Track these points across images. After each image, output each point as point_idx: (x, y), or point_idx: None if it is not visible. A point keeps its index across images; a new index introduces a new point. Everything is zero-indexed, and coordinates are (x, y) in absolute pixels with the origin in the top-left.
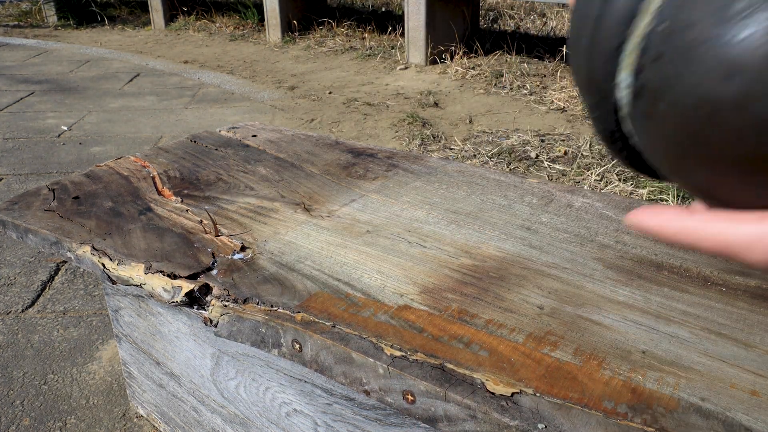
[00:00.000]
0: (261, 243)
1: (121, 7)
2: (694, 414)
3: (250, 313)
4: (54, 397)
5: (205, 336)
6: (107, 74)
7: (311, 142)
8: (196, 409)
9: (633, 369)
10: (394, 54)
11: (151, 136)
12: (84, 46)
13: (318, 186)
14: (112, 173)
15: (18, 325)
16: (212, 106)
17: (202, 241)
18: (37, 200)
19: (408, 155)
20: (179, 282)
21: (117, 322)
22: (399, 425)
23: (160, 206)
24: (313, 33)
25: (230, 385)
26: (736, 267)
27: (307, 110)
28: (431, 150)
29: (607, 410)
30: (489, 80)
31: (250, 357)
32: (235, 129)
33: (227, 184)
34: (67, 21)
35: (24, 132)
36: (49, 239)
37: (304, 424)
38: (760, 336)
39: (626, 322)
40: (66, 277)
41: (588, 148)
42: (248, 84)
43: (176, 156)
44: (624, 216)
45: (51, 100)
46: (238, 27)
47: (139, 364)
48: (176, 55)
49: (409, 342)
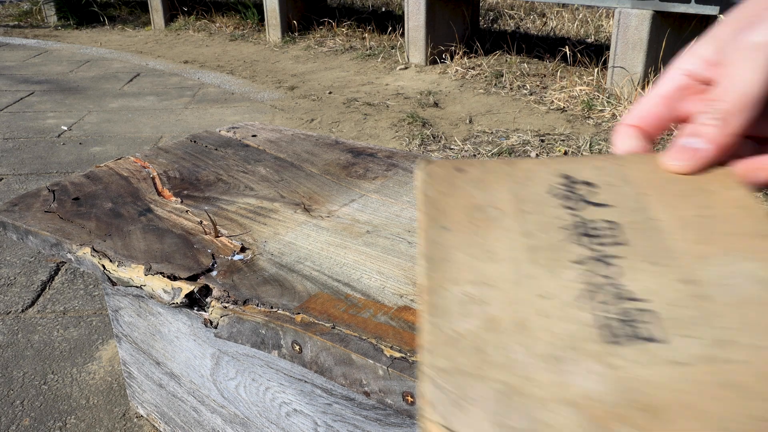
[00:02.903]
0: (261, 244)
1: (121, 7)
2: None
3: (250, 315)
4: (54, 397)
5: (205, 336)
6: (107, 74)
7: (311, 142)
8: (196, 409)
9: None
10: (394, 54)
11: (151, 136)
12: (84, 46)
13: (318, 186)
14: (112, 174)
15: (18, 325)
16: (212, 106)
17: (202, 242)
18: (37, 201)
19: (408, 155)
20: (179, 283)
21: (117, 322)
22: (399, 425)
23: (159, 207)
24: (313, 33)
25: (230, 385)
26: None
27: (307, 110)
28: (431, 150)
29: None
30: (489, 80)
31: (250, 357)
32: (235, 129)
33: (227, 184)
34: (67, 21)
35: (24, 132)
36: (49, 241)
37: (304, 424)
38: None
39: None
40: (66, 277)
41: (588, 148)
42: (248, 84)
43: (176, 156)
44: None
45: (51, 100)
46: (238, 27)
47: (139, 364)
48: (176, 55)
49: (409, 343)
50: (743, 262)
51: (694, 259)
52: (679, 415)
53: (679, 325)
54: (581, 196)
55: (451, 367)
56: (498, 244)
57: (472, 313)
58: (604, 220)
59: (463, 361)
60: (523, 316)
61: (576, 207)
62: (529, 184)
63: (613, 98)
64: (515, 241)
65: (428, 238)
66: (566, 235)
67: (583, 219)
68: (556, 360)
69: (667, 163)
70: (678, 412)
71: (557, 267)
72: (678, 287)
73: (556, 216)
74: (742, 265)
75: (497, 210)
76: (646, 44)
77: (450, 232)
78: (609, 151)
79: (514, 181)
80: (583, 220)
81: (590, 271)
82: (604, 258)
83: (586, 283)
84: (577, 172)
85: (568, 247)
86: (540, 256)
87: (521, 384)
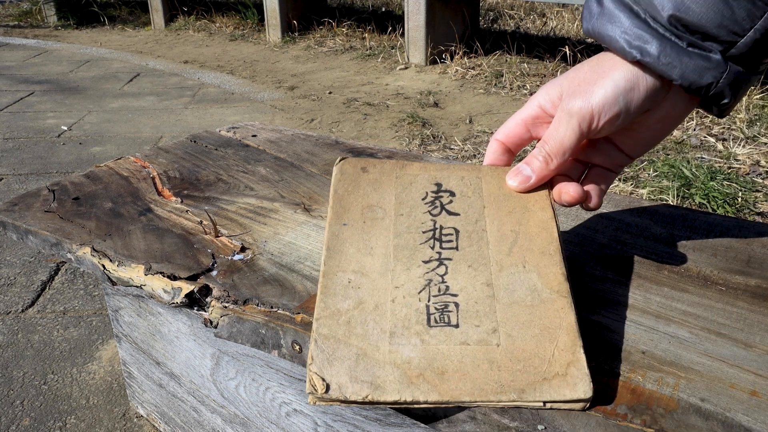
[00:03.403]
0: (261, 244)
1: (121, 7)
2: (694, 415)
3: (250, 315)
4: (54, 397)
5: (205, 336)
6: (107, 74)
7: (311, 142)
8: (196, 409)
9: (632, 369)
10: (394, 54)
11: (151, 136)
12: (84, 46)
13: (318, 186)
14: (112, 174)
15: (18, 325)
16: (212, 106)
17: (202, 241)
18: (37, 201)
19: (408, 155)
20: (179, 283)
21: (117, 322)
22: (399, 425)
23: (160, 207)
24: (313, 33)
25: (230, 385)
26: (736, 267)
27: (307, 110)
28: (431, 150)
29: (607, 411)
30: (489, 80)
31: (250, 357)
32: (235, 129)
33: (227, 184)
34: (67, 21)
35: (24, 132)
36: (49, 240)
37: (304, 424)
38: (760, 336)
39: (626, 322)
40: (66, 277)
41: None
42: (248, 84)
43: (176, 156)
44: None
45: (51, 100)
46: (238, 27)
47: (139, 364)
48: (176, 55)
49: None
50: (527, 273)
51: (498, 267)
52: (455, 378)
53: (472, 316)
54: (443, 203)
55: (329, 334)
56: (377, 241)
57: (349, 295)
58: (452, 227)
59: (337, 331)
60: (381, 301)
61: (436, 213)
62: (411, 189)
63: None
64: (389, 240)
65: (331, 232)
66: (425, 239)
67: (439, 225)
68: (394, 335)
69: (508, 181)
70: (455, 375)
71: (412, 265)
72: (481, 288)
73: (422, 222)
74: (525, 275)
75: (382, 210)
76: None
77: (347, 227)
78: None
79: (401, 185)
80: (438, 227)
81: (432, 270)
82: (443, 260)
83: (428, 280)
84: (447, 181)
85: (423, 249)
86: (402, 255)
87: (370, 350)
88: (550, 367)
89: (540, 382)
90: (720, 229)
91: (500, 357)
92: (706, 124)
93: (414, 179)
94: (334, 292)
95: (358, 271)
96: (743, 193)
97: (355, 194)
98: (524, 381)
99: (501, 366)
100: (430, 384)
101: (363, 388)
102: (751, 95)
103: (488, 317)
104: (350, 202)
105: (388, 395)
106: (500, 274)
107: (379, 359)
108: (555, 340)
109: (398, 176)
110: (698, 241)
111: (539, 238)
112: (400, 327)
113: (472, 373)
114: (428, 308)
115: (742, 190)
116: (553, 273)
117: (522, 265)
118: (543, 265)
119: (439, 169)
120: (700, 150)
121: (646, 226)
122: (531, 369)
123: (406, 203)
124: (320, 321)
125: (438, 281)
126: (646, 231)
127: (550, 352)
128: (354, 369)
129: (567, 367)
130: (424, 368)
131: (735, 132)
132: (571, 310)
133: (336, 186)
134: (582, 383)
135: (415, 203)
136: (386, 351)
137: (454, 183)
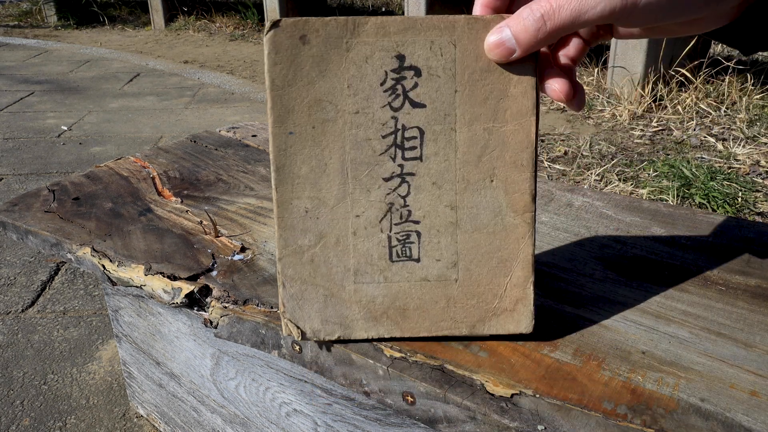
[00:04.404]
0: (261, 244)
1: (121, 7)
2: (694, 415)
3: (250, 315)
4: (54, 397)
5: (205, 336)
6: (107, 74)
7: None
8: (196, 409)
9: (632, 369)
10: None
11: (151, 136)
12: (84, 46)
13: None
14: (112, 174)
15: (18, 325)
16: (212, 106)
17: (202, 242)
18: (37, 201)
19: None
20: (179, 283)
21: (117, 322)
22: (399, 425)
23: (160, 207)
24: None
25: (230, 385)
26: (736, 267)
27: None
28: None
29: (607, 411)
30: None
31: (250, 357)
32: (235, 129)
33: (227, 184)
34: (67, 21)
35: (24, 132)
36: (49, 241)
37: (304, 424)
38: (760, 336)
39: (626, 322)
40: (66, 277)
41: (588, 148)
42: (248, 84)
43: (176, 156)
44: None
45: (51, 100)
46: (238, 27)
47: (139, 364)
48: (176, 55)
49: (408, 343)
50: (493, 191)
51: (464, 182)
52: (415, 315)
53: (434, 248)
54: (405, 90)
55: (295, 276)
56: (330, 154)
57: (309, 228)
58: (416, 127)
59: (302, 271)
60: (342, 233)
61: (398, 107)
62: (366, 68)
63: (613, 98)
64: (344, 152)
65: (276, 145)
66: (385, 147)
67: (401, 125)
68: (358, 273)
69: (486, 50)
70: (415, 313)
71: (372, 186)
72: (445, 212)
73: (382, 121)
74: (492, 192)
75: (333, 107)
76: (645, 44)
77: (294, 136)
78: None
79: (354, 63)
80: (400, 126)
81: (393, 190)
82: (405, 176)
83: (389, 203)
84: (412, 50)
85: (383, 161)
86: (360, 172)
87: (337, 290)
88: (500, 302)
89: (489, 317)
90: (720, 229)
91: (457, 293)
92: (706, 124)
93: (370, 53)
94: (292, 225)
95: (314, 197)
96: (743, 193)
97: (298, 84)
98: (476, 317)
99: (457, 302)
100: (393, 322)
101: (335, 330)
102: (751, 95)
103: (449, 249)
104: (293, 98)
105: (357, 333)
106: (465, 194)
107: (345, 299)
108: (509, 274)
109: (349, 47)
110: (698, 241)
111: (513, 139)
112: (363, 263)
113: (431, 310)
114: (390, 239)
115: (742, 190)
116: (521, 191)
117: (490, 178)
118: (512, 181)
119: (401, 31)
120: (700, 150)
121: (646, 226)
122: (483, 305)
123: (362, 92)
124: (284, 261)
125: (400, 204)
126: (646, 231)
127: (502, 287)
128: (323, 311)
129: (515, 303)
130: (387, 306)
131: (735, 132)
132: (530, 240)
133: (272, 73)
134: (526, 319)
135: (372, 91)
136: (351, 290)
137: (421, 53)
